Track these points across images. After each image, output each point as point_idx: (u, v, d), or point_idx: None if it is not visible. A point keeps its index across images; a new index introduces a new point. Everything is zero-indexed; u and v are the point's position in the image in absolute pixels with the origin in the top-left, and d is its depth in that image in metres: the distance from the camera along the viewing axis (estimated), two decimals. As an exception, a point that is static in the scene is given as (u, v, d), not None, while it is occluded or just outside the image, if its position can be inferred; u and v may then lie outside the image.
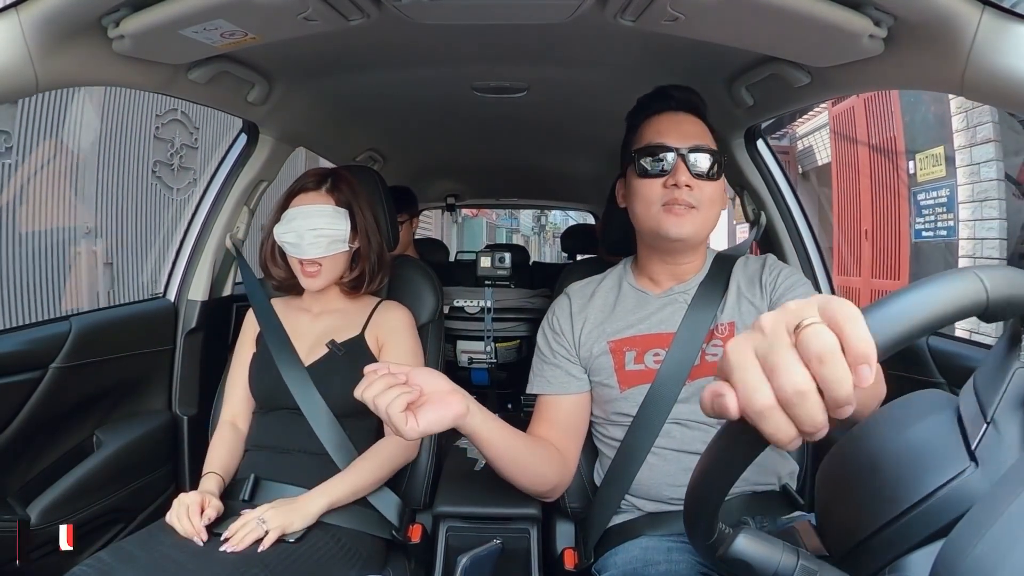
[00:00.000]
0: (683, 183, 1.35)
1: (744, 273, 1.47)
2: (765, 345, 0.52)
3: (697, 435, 1.36)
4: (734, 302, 1.42)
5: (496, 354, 2.80)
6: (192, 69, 1.50)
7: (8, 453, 1.52)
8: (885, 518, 0.65)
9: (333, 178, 1.69)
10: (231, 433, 1.65)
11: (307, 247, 1.59)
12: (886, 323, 0.52)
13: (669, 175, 1.37)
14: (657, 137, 1.40)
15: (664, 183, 1.37)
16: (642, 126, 1.46)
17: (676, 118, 1.43)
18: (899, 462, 0.68)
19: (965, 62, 1.03)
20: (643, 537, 1.36)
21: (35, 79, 1.12)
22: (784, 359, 0.50)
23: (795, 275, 1.45)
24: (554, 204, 6.25)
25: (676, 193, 1.36)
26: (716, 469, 0.64)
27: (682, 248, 1.44)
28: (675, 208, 1.36)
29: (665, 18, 1.23)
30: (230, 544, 1.30)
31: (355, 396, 1.05)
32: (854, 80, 1.38)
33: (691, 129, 1.42)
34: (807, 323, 0.51)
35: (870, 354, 0.49)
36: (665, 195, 1.37)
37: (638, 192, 1.42)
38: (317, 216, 1.61)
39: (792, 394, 0.49)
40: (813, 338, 0.50)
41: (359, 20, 1.29)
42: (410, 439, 1.07)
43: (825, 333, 0.50)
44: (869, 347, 0.49)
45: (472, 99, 2.06)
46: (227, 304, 2.20)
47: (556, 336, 1.52)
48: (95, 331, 1.72)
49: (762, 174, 2.04)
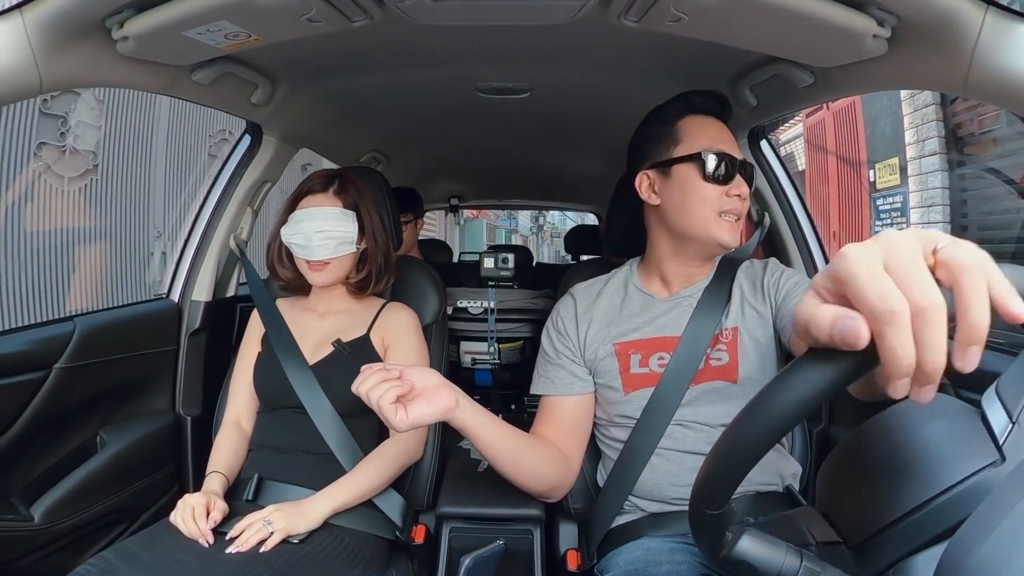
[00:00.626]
0: (746, 194, 1.38)
1: (747, 278, 1.47)
2: (897, 257, 0.49)
3: (700, 436, 1.36)
4: (738, 308, 1.42)
5: (499, 355, 2.80)
6: (196, 70, 1.50)
7: (12, 453, 1.52)
8: (910, 505, 0.65)
9: (340, 180, 1.70)
10: (235, 433, 1.65)
11: (315, 249, 1.59)
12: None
13: (733, 184, 1.37)
14: (715, 143, 1.38)
15: (727, 191, 1.37)
16: (685, 125, 1.43)
17: (719, 127, 1.44)
18: (923, 454, 0.67)
19: (969, 62, 1.03)
20: (645, 538, 1.36)
21: (39, 80, 1.12)
22: (921, 269, 0.48)
23: (797, 275, 1.44)
24: (557, 205, 6.24)
25: (734, 203, 1.37)
26: (776, 412, 0.58)
27: (717, 255, 1.47)
28: (728, 220, 1.37)
29: (668, 19, 1.23)
30: (235, 545, 1.31)
31: (351, 390, 1.10)
32: (858, 80, 1.38)
33: (733, 141, 1.43)
34: (944, 244, 0.48)
35: (1013, 290, 0.46)
36: (724, 203, 1.36)
37: (697, 193, 1.38)
38: (324, 218, 1.61)
39: (928, 305, 0.46)
40: (957, 250, 0.47)
41: (362, 21, 1.30)
42: (400, 430, 1.10)
43: (971, 248, 0.47)
44: (1008, 286, 0.47)
45: (475, 100, 2.06)
46: (231, 304, 2.20)
47: (561, 337, 1.52)
48: (99, 331, 1.72)
49: (766, 175, 2.04)
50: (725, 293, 1.43)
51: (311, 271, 1.64)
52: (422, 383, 1.14)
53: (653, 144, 1.46)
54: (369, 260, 1.71)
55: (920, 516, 0.64)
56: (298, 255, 1.64)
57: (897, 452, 0.70)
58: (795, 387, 0.56)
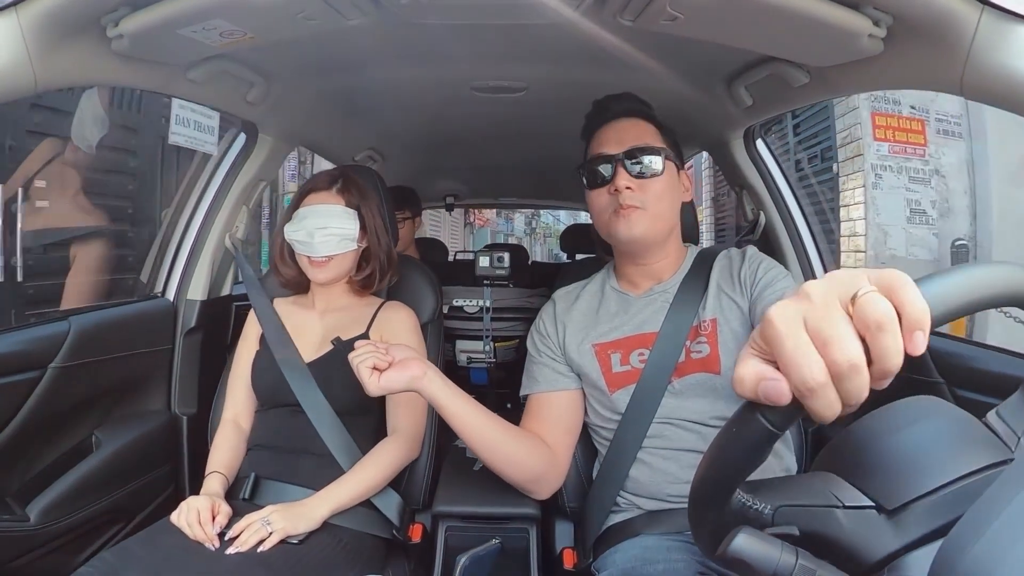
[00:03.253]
0: (623, 187, 1.40)
1: (723, 269, 1.48)
2: (817, 315, 0.50)
3: (692, 434, 1.37)
4: (714, 298, 1.43)
5: (495, 353, 2.80)
6: (191, 69, 1.50)
7: (7, 453, 1.52)
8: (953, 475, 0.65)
9: (343, 179, 1.72)
10: (233, 432, 1.66)
11: (318, 245, 1.61)
12: (939, 294, 0.52)
13: (610, 182, 1.42)
14: (597, 148, 1.47)
15: (609, 190, 1.42)
16: (590, 141, 1.53)
17: (616, 126, 1.48)
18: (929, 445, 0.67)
19: (964, 62, 1.03)
20: (642, 536, 1.36)
21: (33, 79, 1.11)
22: (840, 330, 0.49)
23: (775, 268, 1.44)
24: (553, 204, 6.23)
25: (620, 198, 1.40)
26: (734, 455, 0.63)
27: (643, 248, 1.47)
28: (621, 212, 1.40)
29: (664, 17, 1.23)
30: (234, 545, 1.31)
31: (348, 358, 1.25)
32: (853, 80, 1.38)
33: (630, 133, 1.45)
34: (863, 292, 0.49)
35: (926, 321, 0.48)
36: (612, 202, 1.42)
37: (591, 202, 1.49)
38: (327, 216, 1.63)
39: (847, 368, 0.48)
40: (871, 307, 0.48)
41: (357, 19, 1.30)
42: (371, 393, 1.24)
43: (883, 301, 0.49)
44: (925, 314, 0.48)
45: (471, 98, 2.06)
46: (226, 303, 2.20)
47: (542, 338, 1.56)
48: (94, 331, 1.71)
49: (761, 173, 2.04)
50: (701, 286, 1.45)
51: (313, 267, 1.64)
52: (399, 356, 1.27)
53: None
54: (372, 258, 1.72)
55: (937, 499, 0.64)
56: (300, 252, 1.65)
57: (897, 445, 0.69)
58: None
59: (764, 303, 1.35)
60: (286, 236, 1.66)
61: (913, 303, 0.48)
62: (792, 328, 0.51)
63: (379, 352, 1.25)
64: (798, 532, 0.68)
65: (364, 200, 1.70)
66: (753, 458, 0.62)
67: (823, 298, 0.51)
